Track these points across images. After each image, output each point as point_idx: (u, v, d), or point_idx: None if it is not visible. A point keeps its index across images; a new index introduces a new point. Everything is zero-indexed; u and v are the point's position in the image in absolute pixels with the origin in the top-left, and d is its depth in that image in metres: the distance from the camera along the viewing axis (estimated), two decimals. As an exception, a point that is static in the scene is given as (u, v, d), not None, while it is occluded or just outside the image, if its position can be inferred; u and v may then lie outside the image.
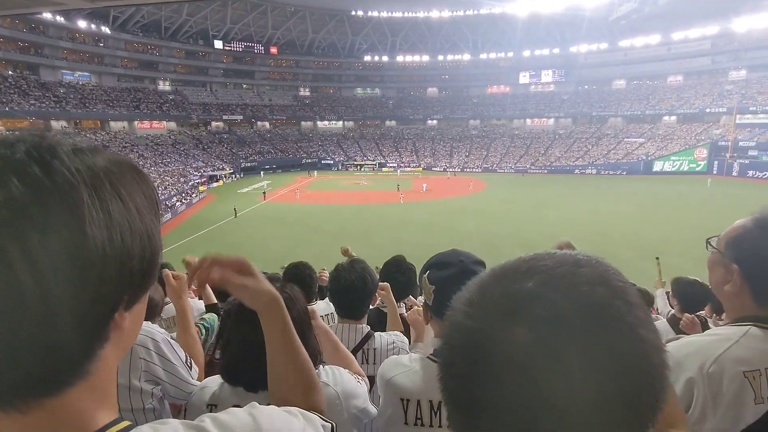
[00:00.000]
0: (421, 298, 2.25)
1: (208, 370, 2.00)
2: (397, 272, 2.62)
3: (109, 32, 54.36)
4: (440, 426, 1.31)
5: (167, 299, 2.47)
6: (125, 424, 0.55)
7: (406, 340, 2.17)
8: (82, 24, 50.50)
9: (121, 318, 0.53)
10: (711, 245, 1.30)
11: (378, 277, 2.28)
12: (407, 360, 1.47)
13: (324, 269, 4.26)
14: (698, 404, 1.11)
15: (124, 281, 0.51)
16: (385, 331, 2.31)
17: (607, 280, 0.46)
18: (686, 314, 2.75)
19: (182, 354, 1.81)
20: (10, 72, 46.23)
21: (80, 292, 0.46)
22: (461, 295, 0.50)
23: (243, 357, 1.32)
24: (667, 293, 3.83)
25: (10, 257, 0.43)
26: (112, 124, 53.34)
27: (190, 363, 1.83)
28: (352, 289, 2.06)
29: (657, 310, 5.33)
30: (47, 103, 46.09)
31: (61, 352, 0.47)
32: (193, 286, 1.19)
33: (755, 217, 1.19)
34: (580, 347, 0.41)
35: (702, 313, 3.18)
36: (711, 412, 1.10)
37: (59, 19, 47.24)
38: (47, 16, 44.17)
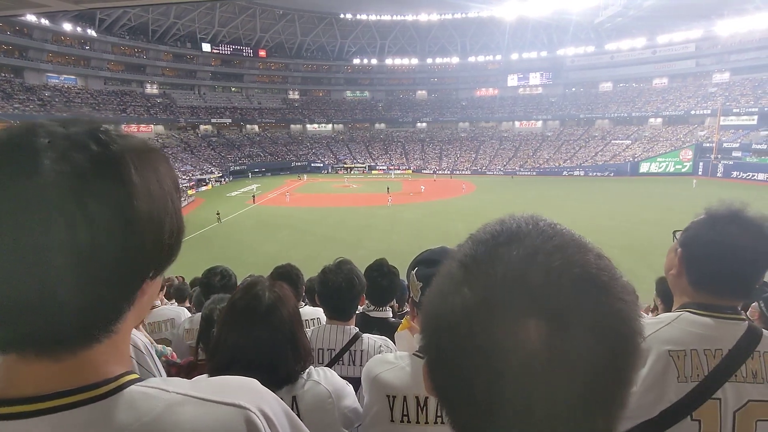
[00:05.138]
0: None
1: (192, 373, 2.01)
2: (379, 276, 2.60)
3: (96, 35, 53.65)
4: (426, 422, 1.30)
5: (156, 302, 2.56)
6: (135, 375, 0.58)
7: (393, 345, 2.17)
8: (67, 27, 49.79)
9: (147, 286, 0.58)
10: (675, 236, 1.40)
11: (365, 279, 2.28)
12: (393, 357, 1.46)
13: None
14: None
15: (156, 252, 0.56)
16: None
17: (585, 246, 0.45)
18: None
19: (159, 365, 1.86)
20: (-7, 75, 45.48)
21: (123, 257, 0.51)
22: (434, 292, 0.48)
23: (235, 360, 1.28)
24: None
25: (74, 218, 0.47)
26: (99, 127, 52.65)
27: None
28: (339, 291, 2.05)
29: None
30: (32, 106, 45.30)
31: (100, 309, 0.52)
32: None
33: (709, 209, 1.28)
34: (583, 318, 0.40)
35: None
36: (637, 386, 1.13)
37: (44, 21, 46.56)
38: (32, 18, 43.49)
